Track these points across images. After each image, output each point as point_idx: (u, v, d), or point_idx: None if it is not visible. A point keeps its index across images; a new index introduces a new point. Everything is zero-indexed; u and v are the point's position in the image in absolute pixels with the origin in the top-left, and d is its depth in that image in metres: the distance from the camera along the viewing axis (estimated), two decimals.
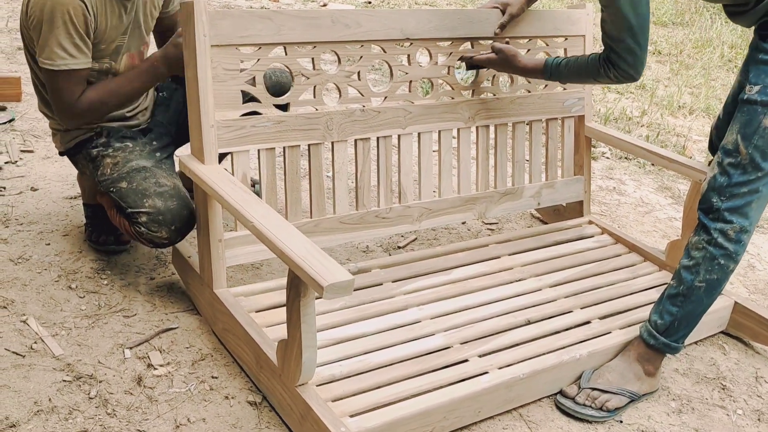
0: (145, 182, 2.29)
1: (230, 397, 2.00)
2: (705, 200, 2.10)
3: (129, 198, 2.28)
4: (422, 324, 2.21)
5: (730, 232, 2.06)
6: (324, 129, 2.30)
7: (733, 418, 2.19)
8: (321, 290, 1.55)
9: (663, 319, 2.15)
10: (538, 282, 2.52)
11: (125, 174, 2.33)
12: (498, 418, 2.05)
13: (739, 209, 2.05)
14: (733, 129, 2.06)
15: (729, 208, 2.05)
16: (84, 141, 2.41)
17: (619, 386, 2.12)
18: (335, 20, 2.26)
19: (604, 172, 3.91)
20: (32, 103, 3.67)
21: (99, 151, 2.39)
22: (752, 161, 2.01)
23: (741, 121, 2.03)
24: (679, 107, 5.17)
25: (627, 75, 2.22)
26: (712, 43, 7.09)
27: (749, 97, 2.02)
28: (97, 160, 2.39)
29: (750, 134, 2.01)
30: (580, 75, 2.35)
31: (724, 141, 2.08)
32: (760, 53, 2.02)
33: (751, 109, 2.01)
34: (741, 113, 2.04)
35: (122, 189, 2.31)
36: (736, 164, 2.04)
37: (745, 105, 2.03)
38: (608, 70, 2.23)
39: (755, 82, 2.01)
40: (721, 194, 2.06)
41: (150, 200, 2.25)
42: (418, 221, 2.56)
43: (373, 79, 4.81)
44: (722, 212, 2.06)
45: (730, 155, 2.05)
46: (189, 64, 2.07)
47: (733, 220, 2.05)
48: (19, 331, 2.13)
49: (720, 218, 2.06)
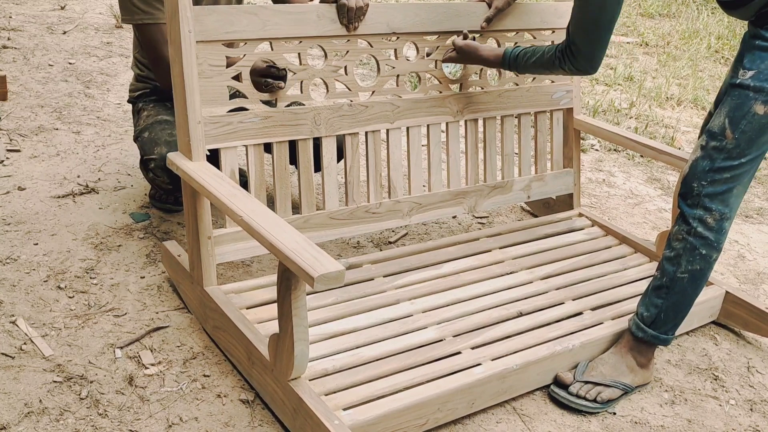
0: (161, 132, 2.58)
1: (223, 395, 1.99)
2: (685, 184, 2.06)
3: (146, 146, 2.59)
4: (414, 318, 2.21)
5: (709, 219, 2.03)
6: (312, 124, 2.29)
7: (725, 408, 2.20)
8: (312, 281, 1.54)
9: (649, 311, 2.14)
10: (529, 275, 2.52)
11: (150, 125, 2.64)
12: (491, 411, 2.05)
13: (720, 195, 2.02)
14: (721, 112, 2.02)
15: (709, 193, 2.02)
16: (140, 95, 2.78)
17: (613, 378, 2.12)
18: (321, 15, 2.25)
19: (593, 165, 3.91)
20: (18, 103, 3.65)
21: (143, 104, 2.76)
22: (738, 146, 1.98)
23: (730, 105, 2.00)
24: (667, 98, 5.18)
25: (581, 68, 2.23)
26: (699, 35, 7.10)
27: (741, 81, 1.98)
28: (139, 112, 2.76)
29: (738, 118, 1.98)
30: (537, 65, 2.35)
31: (710, 124, 2.04)
32: (758, 40, 1.98)
33: (742, 94, 1.98)
34: (731, 97, 2.00)
35: (144, 138, 2.63)
36: (720, 148, 2.00)
37: (737, 89, 1.99)
38: (564, 61, 2.24)
39: (750, 67, 1.98)
40: (702, 179, 2.02)
41: (159, 147, 2.53)
42: (409, 216, 2.55)
43: (361, 73, 4.80)
44: (702, 198, 2.03)
45: (716, 138, 2.01)
46: (175, 61, 2.06)
47: (712, 207, 2.02)
48: (8, 332, 2.12)
49: (699, 204, 2.03)
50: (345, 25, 2.28)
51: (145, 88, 2.78)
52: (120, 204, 2.86)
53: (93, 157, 3.23)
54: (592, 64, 2.21)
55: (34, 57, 4.33)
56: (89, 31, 4.98)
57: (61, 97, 3.80)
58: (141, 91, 2.79)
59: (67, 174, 3.04)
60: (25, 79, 3.98)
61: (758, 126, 1.96)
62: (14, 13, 5.14)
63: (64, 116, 3.59)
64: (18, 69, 4.10)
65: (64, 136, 3.38)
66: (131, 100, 2.85)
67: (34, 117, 3.53)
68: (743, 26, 7.29)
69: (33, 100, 3.72)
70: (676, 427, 2.08)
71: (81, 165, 3.13)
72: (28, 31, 4.78)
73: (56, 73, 4.12)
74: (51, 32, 4.84)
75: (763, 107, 1.95)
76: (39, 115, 3.56)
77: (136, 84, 2.82)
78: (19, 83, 3.91)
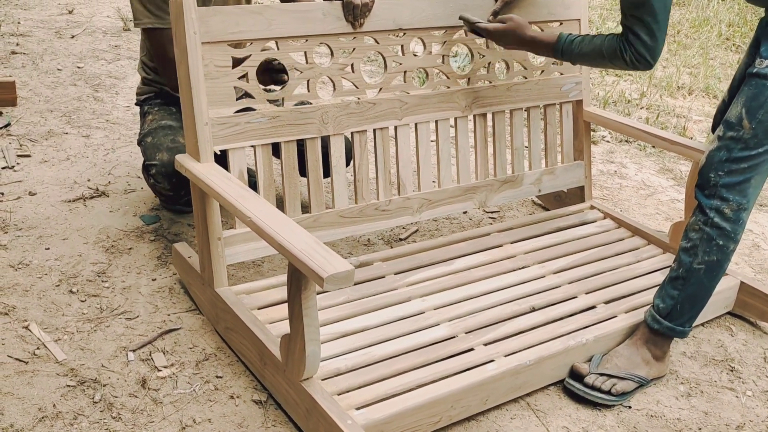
0: (163, 138, 2.58)
1: (235, 396, 1.99)
2: (702, 175, 2.04)
3: (148, 151, 2.60)
4: (426, 315, 2.20)
5: (726, 210, 2.01)
6: (319, 123, 2.28)
7: (742, 399, 2.18)
8: (321, 282, 1.53)
9: (665, 303, 2.13)
10: (541, 269, 2.50)
11: (153, 130, 2.64)
12: (505, 407, 2.04)
13: (737, 186, 2.00)
14: (738, 102, 1.99)
15: (726, 184, 2.00)
16: (147, 98, 2.78)
17: (628, 371, 2.10)
18: (326, 13, 2.24)
19: (604, 156, 3.89)
20: (28, 108, 3.66)
21: (149, 108, 2.76)
22: (755, 136, 1.96)
23: (748, 94, 1.97)
24: (678, 88, 5.13)
25: (642, 59, 2.13)
26: (710, 22, 7.04)
27: (759, 70, 1.95)
28: (144, 116, 2.75)
29: (756, 108, 1.95)
30: (594, 55, 2.24)
31: (727, 114, 2.02)
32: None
33: (759, 83, 1.95)
34: (748, 86, 1.98)
35: (146, 142, 2.63)
36: (737, 138, 1.98)
37: (754, 78, 1.97)
38: (624, 51, 2.14)
39: (767, 55, 1.96)
40: (719, 169, 2.00)
41: (160, 153, 2.54)
42: (419, 212, 2.54)
43: (369, 70, 4.79)
44: (719, 188, 2.01)
45: (733, 129, 1.99)
46: (180, 62, 2.05)
47: (729, 197, 2.01)
48: (21, 338, 2.12)
49: (716, 195, 2.02)
50: (351, 22, 2.27)
51: (151, 92, 2.80)
52: (130, 207, 2.86)
53: (103, 160, 3.23)
54: (652, 54, 2.13)
55: (43, 62, 4.34)
56: (97, 35, 4.99)
57: (70, 101, 3.81)
58: (147, 94, 2.81)
59: (77, 178, 3.04)
60: (34, 84, 3.99)
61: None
62: (22, 18, 5.16)
63: (73, 120, 3.60)
64: (27, 74, 4.12)
65: (73, 140, 3.39)
66: (138, 103, 2.87)
67: (44, 122, 3.54)
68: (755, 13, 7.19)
69: (42, 105, 3.73)
70: (693, 420, 2.07)
71: (91, 169, 3.14)
72: (37, 36, 4.80)
73: (65, 78, 4.14)
74: (59, 37, 4.86)
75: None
76: (48, 119, 3.57)
77: (143, 87, 2.83)
78: (29, 88, 3.92)
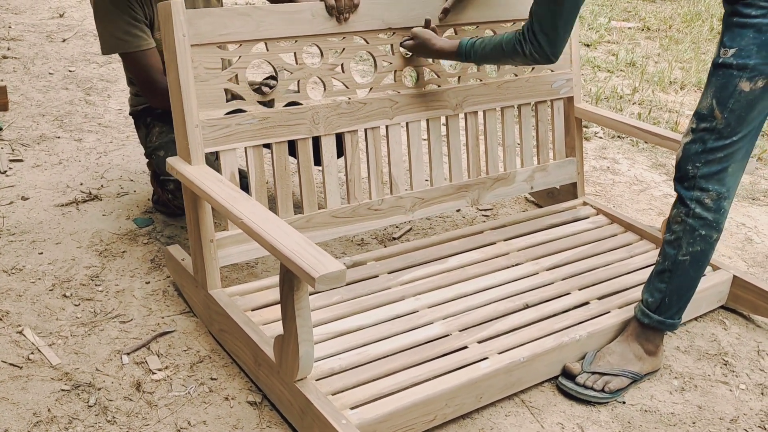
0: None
1: (230, 398, 1.99)
2: (680, 168, 2.05)
3: (162, 165, 2.57)
4: (420, 313, 2.20)
5: (707, 200, 2.02)
6: (310, 123, 2.28)
7: (736, 393, 2.19)
8: (313, 282, 1.54)
9: (653, 296, 2.13)
10: (534, 266, 2.51)
11: (164, 143, 2.62)
12: (500, 404, 2.04)
13: (716, 175, 2.00)
14: (707, 93, 2.00)
15: (705, 174, 2.01)
16: (148, 108, 2.71)
17: (621, 367, 2.11)
18: (315, 14, 2.25)
19: (597, 152, 3.90)
20: (19, 112, 3.66)
21: (153, 119, 2.69)
22: (728, 125, 1.96)
23: (716, 85, 1.98)
24: (670, 83, 5.15)
25: (543, 53, 2.16)
26: (701, 17, 7.06)
27: (724, 60, 1.96)
28: (149, 126, 2.70)
29: (725, 98, 1.96)
30: (495, 53, 2.27)
31: (698, 106, 2.03)
32: (735, 17, 1.95)
33: (726, 73, 1.96)
34: (716, 77, 1.98)
35: (159, 156, 2.61)
36: (711, 129, 1.99)
37: (720, 69, 1.97)
38: (525, 45, 2.17)
39: (730, 45, 1.95)
40: (696, 161, 2.01)
41: None
42: (411, 211, 2.55)
43: (361, 69, 4.79)
44: (698, 179, 2.02)
45: (705, 120, 1.99)
46: (170, 65, 2.05)
47: (709, 187, 2.01)
48: (15, 342, 2.12)
49: (696, 186, 2.02)
50: (336, 16, 2.26)
51: (147, 102, 2.73)
52: (123, 210, 2.86)
53: (95, 164, 3.23)
54: (553, 51, 2.15)
55: (35, 66, 4.34)
56: (89, 38, 4.99)
57: (62, 105, 3.81)
58: (144, 104, 2.74)
59: (69, 182, 3.04)
60: (25, 88, 3.99)
61: (746, 103, 1.94)
62: (14, 22, 5.15)
63: (65, 124, 3.59)
64: (18, 78, 4.12)
65: (65, 144, 3.39)
66: (134, 114, 2.80)
67: (36, 126, 3.54)
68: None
69: (34, 109, 3.73)
70: (687, 414, 2.07)
71: (83, 172, 3.14)
72: (28, 40, 4.79)
73: (56, 81, 4.13)
74: (50, 40, 4.85)
75: (748, 84, 1.93)
76: (40, 123, 3.57)
77: (137, 98, 2.77)
78: (20, 93, 3.92)
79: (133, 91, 2.78)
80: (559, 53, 2.18)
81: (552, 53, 2.17)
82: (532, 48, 2.16)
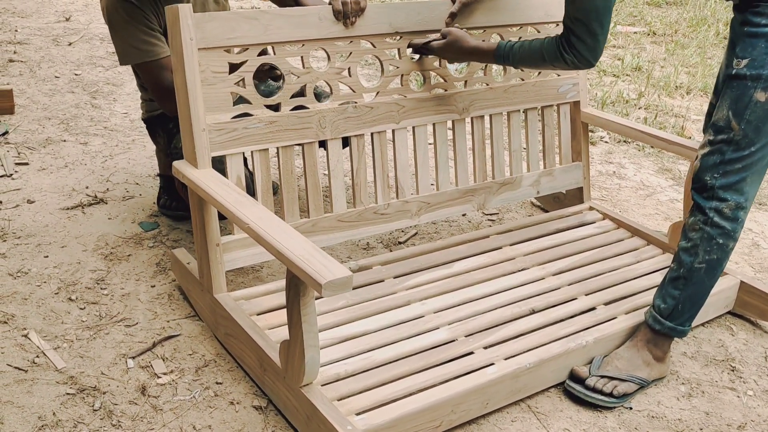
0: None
1: (235, 402, 1.98)
2: (698, 179, 2.06)
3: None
4: (426, 319, 2.19)
5: (725, 210, 2.03)
6: (317, 127, 2.28)
7: (743, 399, 2.17)
8: (320, 288, 1.53)
9: (666, 303, 2.13)
10: (541, 271, 2.50)
11: None
12: (506, 410, 2.03)
13: (734, 186, 2.02)
14: (723, 105, 2.01)
15: (723, 185, 2.02)
16: (165, 114, 2.63)
17: (628, 373, 2.10)
18: (322, 17, 2.24)
19: (603, 157, 3.89)
20: (26, 116, 3.66)
21: (175, 124, 2.53)
22: (745, 136, 1.98)
23: (731, 96, 1.99)
24: (677, 87, 5.13)
25: (583, 60, 2.17)
26: (707, 21, 7.05)
27: (738, 71, 1.97)
28: (172, 132, 2.64)
29: (741, 109, 1.97)
30: (534, 58, 2.27)
31: (714, 118, 2.04)
32: (747, 26, 1.97)
33: (740, 84, 1.97)
34: (730, 89, 2.00)
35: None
36: (728, 140, 2.00)
37: (734, 80, 1.99)
38: (565, 52, 2.17)
39: (743, 55, 1.96)
40: (714, 172, 2.02)
41: None
42: (417, 215, 2.54)
43: (367, 73, 4.79)
44: (716, 190, 2.03)
45: (722, 132, 2.01)
46: (177, 69, 2.05)
47: (727, 197, 2.02)
48: (21, 346, 2.12)
49: (715, 196, 2.03)
50: (342, 21, 2.26)
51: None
52: (129, 214, 2.86)
53: (101, 167, 3.23)
54: (594, 55, 2.16)
55: (41, 69, 4.34)
56: (94, 42, 4.99)
57: (67, 109, 3.81)
58: (160, 110, 2.69)
59: (75, 185, 3.04)
60: (32, 92, 4.00)
61: (762, 113, 1.96)
62: (20, 26, 5.16)
63: (71, 128, 3.60)
64: (25, 82, 4.12)
65: (71, 147, 3.39)
66: (149, 119, 2.78)
67: (42, 129, 3.54)
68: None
69: (40, 113, 3.73)
70: (694, 421, 2.06)
71: (89, 176, 3.14)
72: (34, 44, 4.80)
73: (62, 85, 4.14)
74: (57, 44, 4.86)
75: (764, 94, 1.94)
76: (46, 127, 3.57)
77: (151, 103, 2.75)
78: (26, 96, 3.92)
79: (146, 97, 2.77)
80: (599, 56, 2.18)
81: (593, 57, 2.17)
82: (574, 57, 2.17)
